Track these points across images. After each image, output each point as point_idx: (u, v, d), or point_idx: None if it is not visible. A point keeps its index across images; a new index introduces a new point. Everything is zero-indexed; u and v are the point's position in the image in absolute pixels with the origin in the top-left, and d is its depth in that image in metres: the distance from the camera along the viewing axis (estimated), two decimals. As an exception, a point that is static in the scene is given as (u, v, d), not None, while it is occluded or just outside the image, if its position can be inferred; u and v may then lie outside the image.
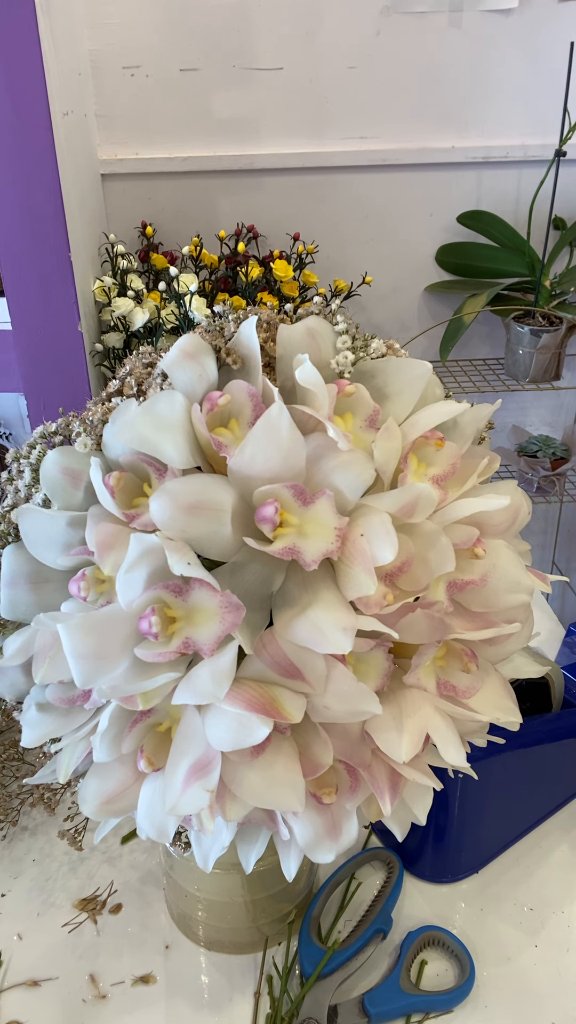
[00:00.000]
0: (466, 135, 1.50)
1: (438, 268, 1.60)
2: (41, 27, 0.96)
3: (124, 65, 1.37)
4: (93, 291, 1.22)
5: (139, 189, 1.46)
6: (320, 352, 0.50)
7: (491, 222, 1.53)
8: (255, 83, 1.41)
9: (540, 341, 1.46)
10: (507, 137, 1.51)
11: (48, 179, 1.03)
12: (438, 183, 1.53)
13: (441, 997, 0.63)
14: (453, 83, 1.45)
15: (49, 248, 1.06)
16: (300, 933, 0.67)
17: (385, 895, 0.69)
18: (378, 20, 1.39)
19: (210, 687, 0.42)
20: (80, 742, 0.50)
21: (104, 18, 1.33)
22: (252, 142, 1.45)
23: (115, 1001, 0.65)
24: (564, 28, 1.41)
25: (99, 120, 1.40)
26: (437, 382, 0.51)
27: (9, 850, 0.76)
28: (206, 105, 1.41)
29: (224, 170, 1.46)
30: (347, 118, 1.46)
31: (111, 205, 1.46)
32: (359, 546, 0.43)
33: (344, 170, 1.49)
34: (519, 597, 0.49)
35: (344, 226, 1.54)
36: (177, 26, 1.35)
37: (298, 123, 1.45)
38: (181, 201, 1.47)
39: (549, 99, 1.46)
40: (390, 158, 1.48)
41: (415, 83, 1.44)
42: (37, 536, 0.49)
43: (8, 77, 0.97)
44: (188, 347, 0.48)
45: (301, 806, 0.45)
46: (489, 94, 1.47)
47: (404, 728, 0.46)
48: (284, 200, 1.50)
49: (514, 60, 1.44)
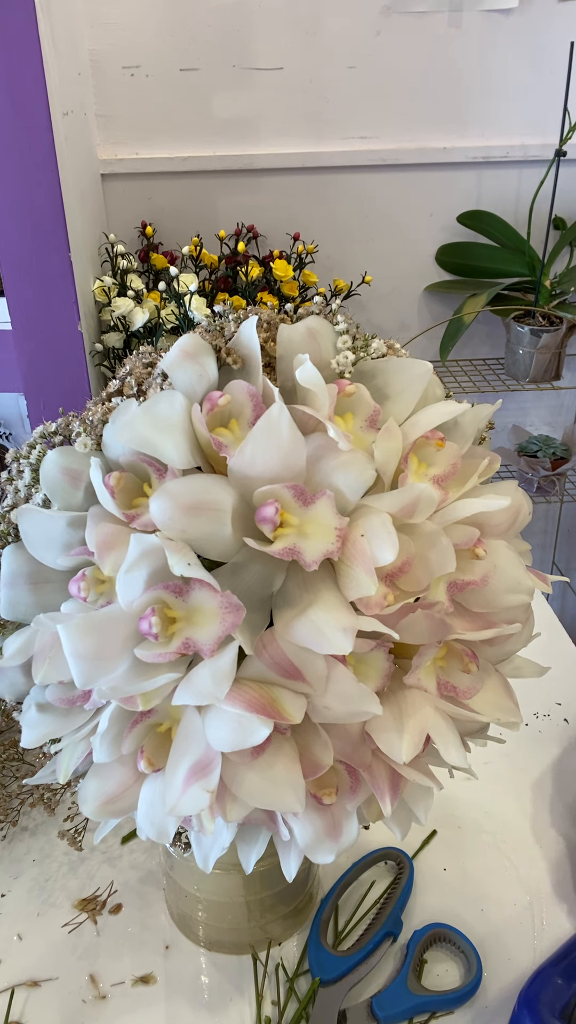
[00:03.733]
0: (466, 135, 1.50)
1: (438, 268, 1.60)
2: (41, 27, 0.96)
3: (124, 65, 1.37)
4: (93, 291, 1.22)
5: (139, 189, 1.46)
6: (320, 352, 0.50)
7: (491, 222, 1.53)
8: (255, 83, 1.41)
9: (540, 341, 1.46)
10: (507, 137, 1.51)
11: (48, 179, 1.03)
12: (438, 183, 1.53)
13: (449, 996, 0.63)
14: (453, 83, 1.45)
15: (49, 248, 1.06)
16: (309, 937, 0.66)
17: (395, 897, 0.69)
18: (378, 20, 1.39)
19: (210, 688, 0.42)
20: (80, 742, 0.50)
21: (104, 18, 1.33)
22: (252, 142, 1.45)
23: (115, 1001, 0.65)
24: (564, 28, 1.42)
25: (99, 120, 1.40)
26: (438, 382, 0.51)
27: (9, 850, 0.76)
28: (206, 105, 1.41)
29: (224, 170, 1.46)
30: (347, 118, 1.46)
31: (111, 205, 1.46)
32: (359, 546, 0.43)
33: (344, 170, 1.49)
34: (520, 597, 0.49)
35: (344, 226, 1.54)
36: (177, 26, 1.35)
37: (298, 123, 1.45)
38: (181, 201, 1.47)
39: (549, 99, 1.47)
40: (390, 158, 1.48)
41: (415, 83, 1.44)
42: (37, 536, 0.49)
43: (8, 77, 0.97)
44: (188, 347, 0.48)
45: (301, 807, 0.45)
46: (489, 94, 1.47)
47: (404, 729, 0.46)
48: (284, 200, 1.50)
49: (514, 60, 1.44)
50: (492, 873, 0.74)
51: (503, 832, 0.77)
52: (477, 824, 0.78)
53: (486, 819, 0.79)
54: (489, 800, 0.80)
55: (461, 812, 0.79)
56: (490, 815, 0.79)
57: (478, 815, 0.79)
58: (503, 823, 0.78)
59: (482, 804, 0.80)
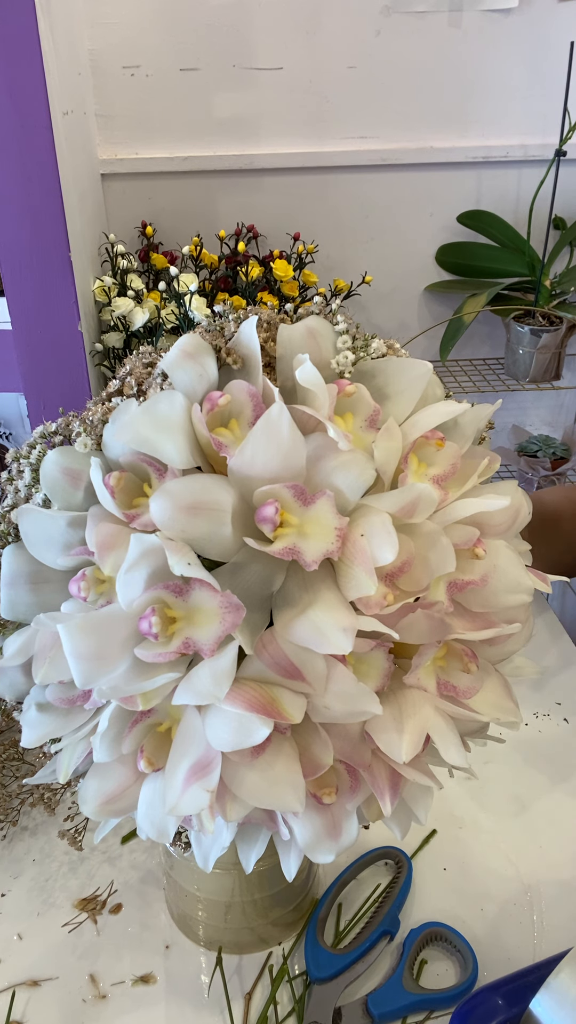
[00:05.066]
0: (466, 135, 1.50)
1: (438, 268, 1.60)
2: (41, 27, 0.96)
3: (124, 65, 1.37)
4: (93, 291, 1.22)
5: (139, 189, 1.46)
6: (320, 352, 0.50)
7: (491, 222, 1.53)
8: (255, 83, 1.41)
9: (540, 341, 1.46)
10: (507, 137, 1.51)
11: (48, 179, 1.03)
12: (438, 183, 1.53)
13: (444, 995, 0.63)
14: (453, 83, 1.45)
15: (49, 248, 1.06)
16: (306, 935, 0.66)
17: (392, 896, 0.69)
18: (378, 20, 1.39)
19: (210, 687, 0.42)
20: (80, 742, 0.50)
21: (104, 18, 1.33)
22: (252, 142, 1.45)
23: (115, 1001, 0.65)
24: (564, 28, 1.41)
25: (99, 120, 1.40)
26: (437, 382, 0.51)
27: (9, 850, 0.76)
28: (206, 105, 1.41)
29: (224, 170, 1.45)
30: (347, 118, 1.45)
31: (111, 205, 1.46)
32: (359, 546, 0.43)
33: (344, 170, 1.49)
34: (519, 597, 0.49)
35: (344, 226, 1.54)
36: (177, 26, 1.35)
37: (298, 123, 1.45)
38: (181, 201, 1.47)
39: (549, 99, 1.46)
40: (390, 158, 1.48)
41: (415, 83, 1.44)
42: (37, 536, 0.49)
43: (8, 77, 0.97)
44: (188, 347, 0.48)
45: (301, 806, 0.45)
46: (489, 94, 1.47)
47: (404, 728, 0.46)
48: (284, 200, 1.50)
49: (514, 60, 1.44)
50: (492, 873, 0.74)
51: (503, 832, 0.78)
52: (477, 824, 0.78)
53: (486, 819, 0.79)
54: (489, 800, 0.80)
55: (461, 812, 0.79)
56: (490, 815, 0.79)
57: (478, 815, 0.79)
58: (503, 823, 0.78)
59: (482, 804, 0.80)
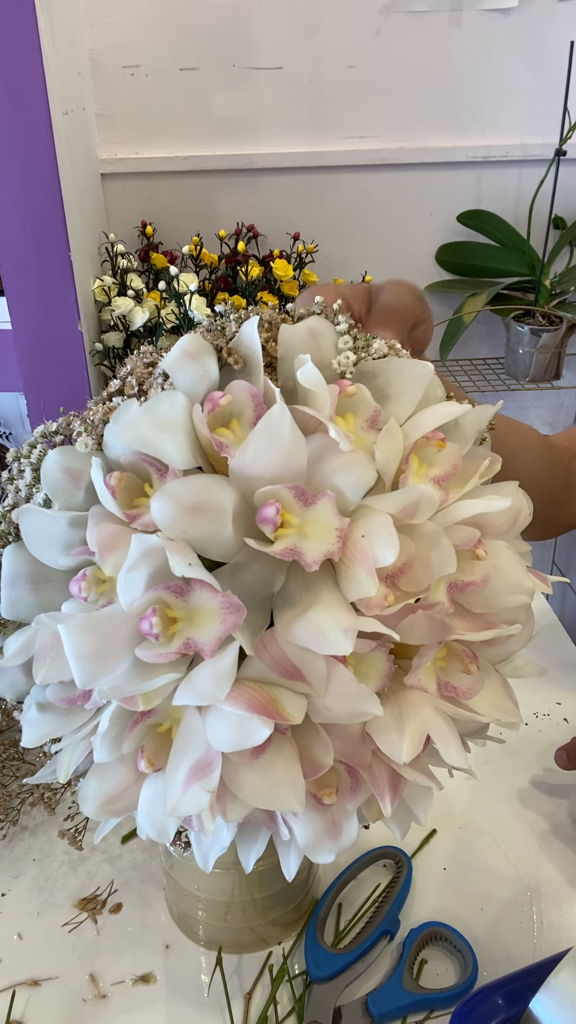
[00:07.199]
0: (466, 135, 1.50)
1: (438, 267, 1.60)
2: (41, 27, 0.96)
3: (124, 64, 1.37)
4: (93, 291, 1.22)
5: (139, 188, 1.46)
6: (321, 352, 0.50)
7: (491, 221, 1.53)
8: (255, 83, 1.41)
9: (540, 341, 1.46)
10: (507, 136, 1.51)
11: (48, 178, 1.03)
12: (438, 182, 1.53)
13: (444, 995, 0.63)
14: (453, 83, 1.45)
15: (49, 248, 1.06)
16: (306, 935, 0.67)
17: (393, 896, 0.69)
18: (378, 20, 1.39)
19: (211, 688, 0.42)
20: (80, 742, 0.50)
21: (104, 18, 1.33)
22: (252, 142, 1.45)
23: (115, 1001, 0.65)
24: (564, 28, 1.42)
25: (99, 119, 1.40)
26: (438, 382, 0.51)
27: (9, 850, 0.76)
28: (206, 105, 1.41)
29: (224, 169, 1.46)
30: (347, 118, 1.46)
31: (111, 205, 1.46)
32: (360, 547, 0.43)
33: (344, 169, 1.49)
34: (520, 598, 0.49)
35: (344, 225, 1.54)
36: (177, 26, 1.35)
37: (298, 123, 1.45)
38: (181, 201, 1.47)
39: (549, 99, 1.47)
40: (390, 157, 1.48)
41: (415, 83, 1.44)
42: (38, 536, 0.49)
43: (8, 77, 0.97)
44: (190, 347, 0.48)
45: (301, 807, 0.45)
46: (489, 94, 1.47)
47: (405, 729, 0.46)
48: (284, 200, 1.50)
49: (514, 60, 1.44)
50: (492, 873, 0.74)
51: (503, 832, 0.78)
52: (477, 824, 0.78)
53: (486, 819, 0.79)
54: (489, 800, 0.80)
55: (461, 812, 0.79)
56: (490, 815, 0.79)
57: (478, 815, 0.79)
58: (503, 823, 0.78)
59: (482, 804, 0.80)
